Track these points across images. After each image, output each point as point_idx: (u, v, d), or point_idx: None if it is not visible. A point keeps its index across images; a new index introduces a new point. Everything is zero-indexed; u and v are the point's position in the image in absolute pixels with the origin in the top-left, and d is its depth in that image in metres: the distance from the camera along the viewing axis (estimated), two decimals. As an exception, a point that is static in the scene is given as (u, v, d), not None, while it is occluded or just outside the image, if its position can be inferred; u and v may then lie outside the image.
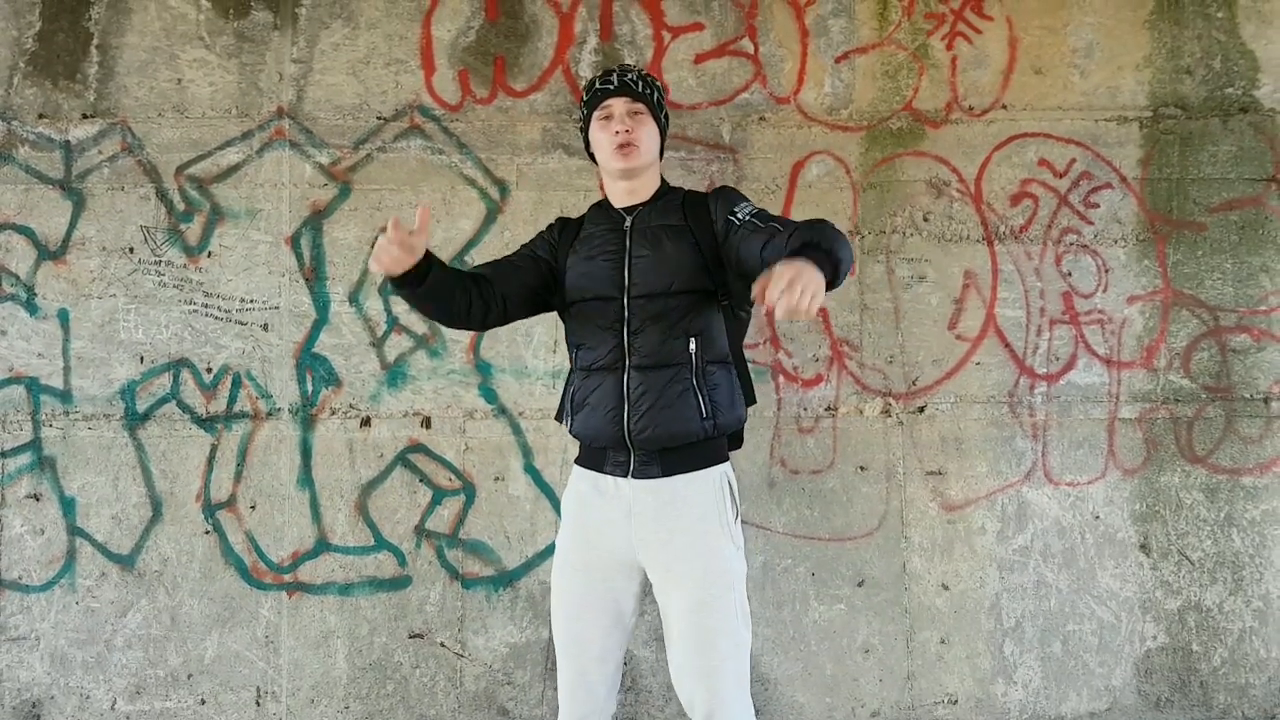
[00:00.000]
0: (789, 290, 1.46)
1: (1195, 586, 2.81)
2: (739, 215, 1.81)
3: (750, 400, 1.94)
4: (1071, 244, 2.82)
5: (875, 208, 2.80)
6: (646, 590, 1.90)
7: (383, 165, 2.76)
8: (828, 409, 2.78)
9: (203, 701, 2.70)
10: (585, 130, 1.98)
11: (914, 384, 2.80)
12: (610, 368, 1.84)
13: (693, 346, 1.82)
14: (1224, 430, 2.82)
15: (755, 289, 1.55)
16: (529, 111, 2.78)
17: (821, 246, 1.58)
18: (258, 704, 2.71)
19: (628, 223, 1.90)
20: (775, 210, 2.77)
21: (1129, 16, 2.84)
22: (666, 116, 1.99)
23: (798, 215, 2.78)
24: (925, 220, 2.81)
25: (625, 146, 1.86)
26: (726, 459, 1.89)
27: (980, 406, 2.80)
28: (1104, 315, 2.82)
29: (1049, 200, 2.82)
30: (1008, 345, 2.80)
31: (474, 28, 2.79)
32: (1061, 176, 2.82)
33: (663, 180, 1.97)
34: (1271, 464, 2.82)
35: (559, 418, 1.97)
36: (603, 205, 1.99)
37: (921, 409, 2.79)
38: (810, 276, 1.49)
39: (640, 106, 1.90)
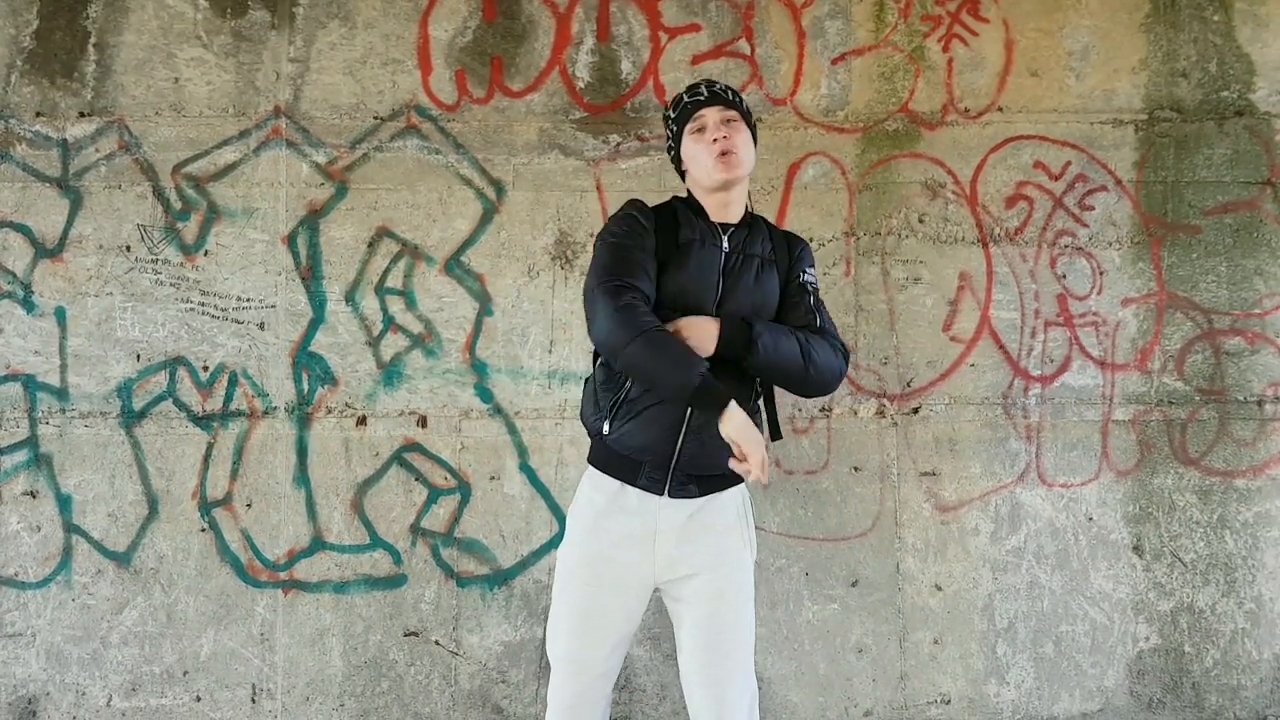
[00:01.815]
0: (749, 457, 1.66)
1: (1188, 588, 2.82)
2: (805, 276, 1.93)
3: (775, 436, 1.97)
4: (1066, 246, 2.82)
5: (871, 209, 2.81)
6: (650, 605, 1.93)
7: (379, 165, 2.76)
8: (822, 410, 2.79)
9: (198, 698, 2.71)
10: (675, 148, 1.93)
11: (908, 385, 2.80)
12: None
13: (758, 384, 1.87)
14: (1217, 433, 2.83)
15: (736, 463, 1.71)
16: (526, 112, 2.78)
17: (763, 342, 1.75)
18: (253, 701, 2.72)
19: (724, 243, 1.86)
20: (771, 214, 2.79)
21: (1125, 19, 2.85)
22: (755, 126, 1.96)
23: (794, 217, 2.79)
24: (921, 222, 2.82)
25: (726, 155, 1.82)
26: (744, 479, 1.91)
27: (974, 408, 2.80)
28: (1098, 317, 2.82)
29: (1044, 202, 2.82)
30: (1002, 347, 2.81)
31: (471, 28, 2.79)
32: (1057, 179, 2.82)
33: (748, 200, 1.98)
34: (1264, 466, 2.82)
35: (585, 416, 1.89)
36: (694, 210, 1.90)
37: (916, 410, 2.80)
38: (756, 450, 1.67)
39: (733, 114, 1.87)
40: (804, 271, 1.93)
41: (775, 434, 1.96)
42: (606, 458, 1.85)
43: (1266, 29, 2.86)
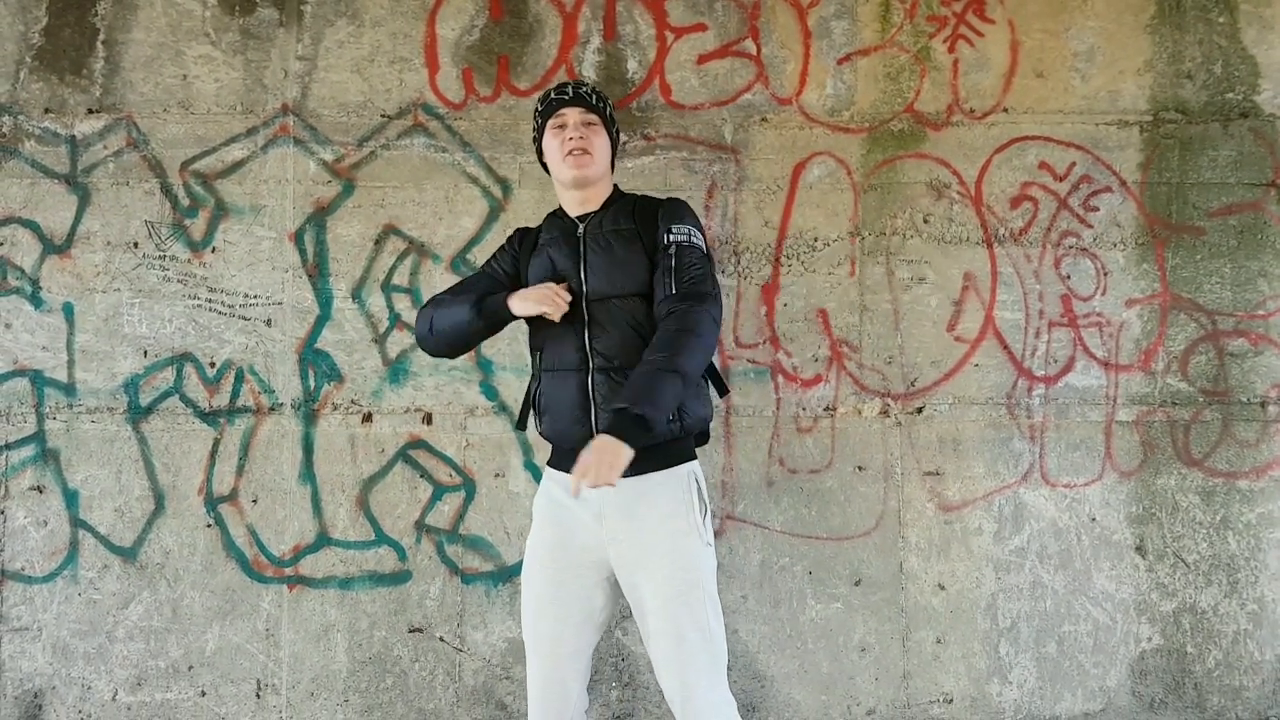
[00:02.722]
0: (592, 474, 1.66)
1: (1190, 589, 2.82)
2: (672, 236, 1.90)
3: (722, 392, 2.02)
4: (1071, 247, 2.83)
5: (876, 209, 2.82)
6: (617, 589, 1.95)
7: (386, 163, 2.78)
8: (826, 409, 2.79)
9: (203, 693, 2.72)
10: (539, 141, 2.07)
11: (912, 385, 2.81)
12: (574, 369, 1.90)
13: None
14: (1221, 434, 2.83)
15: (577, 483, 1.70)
16: (532, 110, 2.79)
17: (628, 403, 1.71)
18: (258, 696, 2.73)
19: (580, 229, 1.97)
20: (776, 214, 2.79)
21: (1130, 21, 2.85)
22: (617, 131, 2.09)
23: (799, 217, 2.80)
24: (925, 222, 2.82)
25: (579, 154, 1.93)
26: (694, 457, 1.94)
27: (978, 408, 2.81)
28: (1102, 318, 2.83)
29: (1049, 203, 2.83)
30: (1006, 347, 2.82)
31: (478, 26, 2.80)
32: (1061, 180, 2.83)
33: (614, 188, 2.06)
34: (1268, 468, 2.83)
35: (521, 424, 2.06)
36: (557, 214, 2.06)
37: (920, 410, 2.81)
38: (610, 451, 1.67)
39: (593, 117, 1.99)
40: (669, 230, 1.90)
41: (721, 389, 2.02)
42: (551, 453, 2.00)
43: (1272, 31, 2.86)
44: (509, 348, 2.77)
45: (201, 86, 2.77)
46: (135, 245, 2.75)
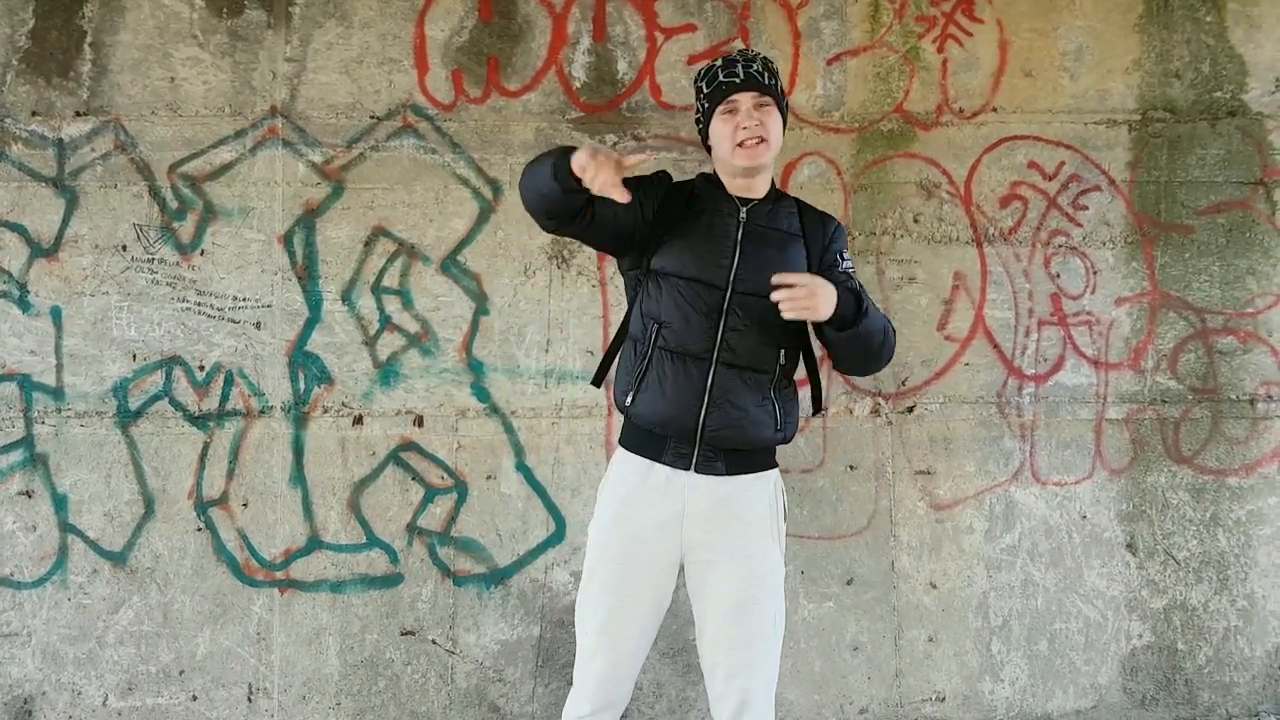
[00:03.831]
0: (794, 292, 1.66)
1: (1181, 586, 2.84)
2: (845, 263, 1.90)
3: (817, 409, 2.02)
4: (1060, 246, 2.84)
5: (866, 209, 2.82)
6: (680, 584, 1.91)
7: (376, 164, 2.77)
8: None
9: (194, 698, 2.71)
10: (703, 123, 1.92)
11: (903, 384, 2.82)
12: (698, 356, 1.79)
13: (782, 358, 1.84)
14: (1210, 431, 2.85)
15: (775, 278, 1.69)
16: (522, 111, 2.79)
17: (862, 304, 1.75)
18: (249, 700, 2.72)
19: (742, 214, 1.86)
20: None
21: (1119, 20, 2.86)
22: (787, 104, 1.95)
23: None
24: (915, 222, 2.83)
25: (753, 144, 1.81)
26: (778, 465, 1.92)
27: (969, 407, 2.82)
28: (1092, 317, 2.84)
29: (1038, 202, 2.84)
30: (996, 346, 2.82)
31: (467, 27, 2.79)
32: (1051, 179, 2.84)
33: (773, 181, 1.96)
34: (1257, 465, 2.84)
35: (615, 394, 1.89)
36: (714, 183, 1.92)
37: (911, 409, 2.81)
38: (818, 298, 1.68)
39: (767, 99, 1.84)
40: (841, 256, 1.91)
41: (818, 406, 2.00)
42: (634, 436, 1.86)
43: (1259, 30, 2.87)
44: (500, 349, 2.77)
45: (189, 89, 2.76)
46: (123, 248, 2.73)
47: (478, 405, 2.76)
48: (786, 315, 1.68)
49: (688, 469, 1.81)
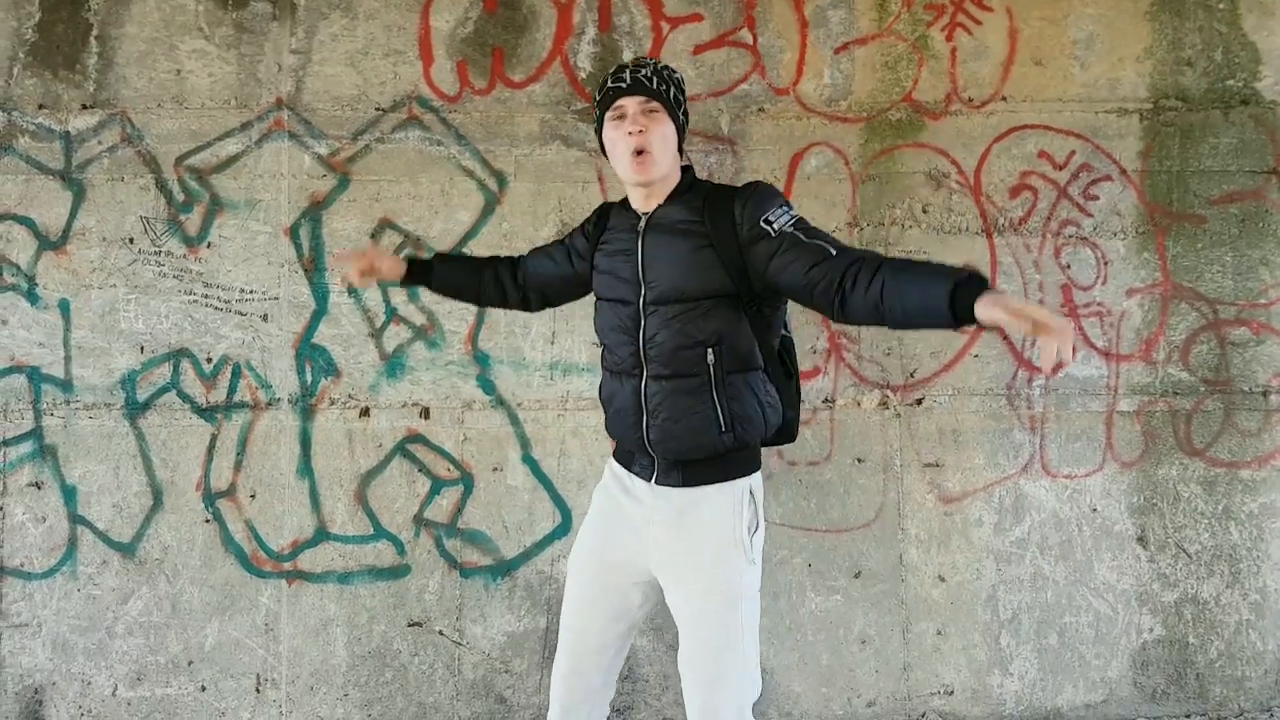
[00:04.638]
0: (1057, 352, 1.38)
1: (1192, 579, 2.81)
2: (775, 224, 1.68)
3: (790, 406, 1.87)
4: (1071, 236, 2.81)
5: (874, 199, 2.80)
6: (658, 590, 1.90)
7: (381, 156, 2.76)
8: (825, 401, 2.78)
9: (203, 688, 2.72)
10: (599, 131, 1.87)
11: (912, 376, 2.80)
12: (629, 373, 1.81)
13: (710, 358, 1.73)
14: (1222, 423, 2.82)
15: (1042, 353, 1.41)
16: (527, 103, 2.78)
17: (963, 277, 1.46)
18: (258, 691, 2.73)
19: (642, 223, 1.82)
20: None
21: (1129, 8, 2.83)
22: (685, 112, 1.85)
23: (797, 206, 2.76)
24: (924, 212, 2.80)
25: (640, 156, 1.74)
26: (754, 469, 1.83)
27: (978, 399, 2.80)
28: (1103, 308, 2.81)
29: (1048, 192, 2.81)
30: (1006, 338, 2.80)
31: (472, 18, 2.78)
32: (1061, 169, 2.81)
33: (685, 174, 1.84)
34: (1270, 457, 2.81)
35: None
36: (624, 204, 1.91)
37: (919, 401, 2.80)
38: (1064, 330, 1.38)
39: (655, 105, 1.77)
40: (766, 219, 1.69)
41: (792, 434, 1.90)
42: (616, 446, 1.95)
43: (1272, 17, 2.83)
44: (506, 342, 2.77)
45: (195, 81, 2.76)
46: (131, 241, 2.74)
47: (484, 397, 2.76)
48: (1068, 362, 1.54)
49: (649, 480, 1.84)
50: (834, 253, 1.62)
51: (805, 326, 2.78)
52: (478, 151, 2.77)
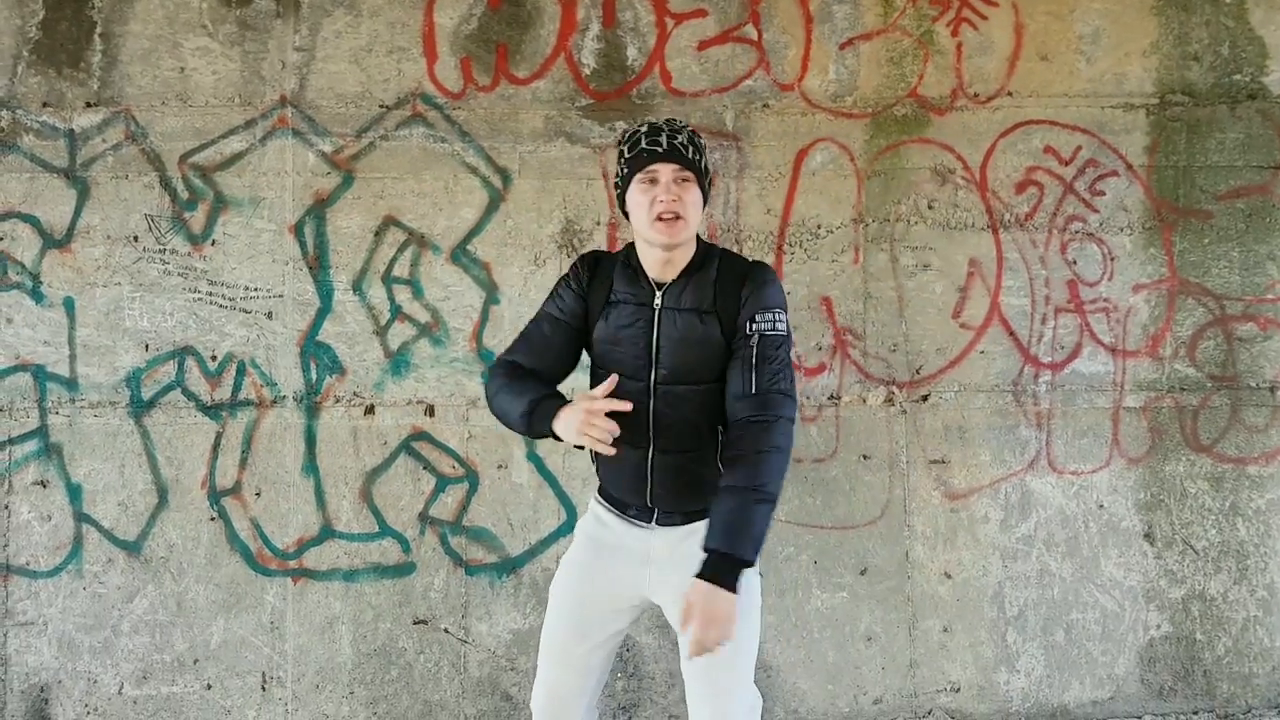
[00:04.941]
0: (699, 631, 1.58)
1: (1199, 575, 2.80)
2: (753, 325, 1.75)
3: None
4: (1077, 232, 2.80)
5: (879, 195, 2.79)
6: (639, 613, 1.93)
7: (385, 154, 2.76)
8: (831, 397, 2.78)
9: (209, 686, 2.72)
10: (623, 188, 1.81)
11: (918, 372, 2.79)
12: (635, 446, 1.80)
13: (719, 433, 1.80)
14: (1229, 419, 2.81)
15: (680, 621, 1.62)
16: (531, 99, 2.77)
17: (735, 552, 1.62)
18: (263, 689, 2.73)
19: (657, 301, 1.79)
20: (778, 201, 2.77)
21: (1136, 2, 2.82)
22: (711, 181, 1.86)
23: (801, 204, 2.77)
24: (930, 208, 2.80)
25: (669, 221, 1.73)
26: None
27: (984, 395, 2.79)
28: (1109, 304, 2.80)
29: (1054, 188, 2.80)
30: (1012, 334, 2.79)
31: (476, 15, 2.78)
32: (1067, 164, 2.80)
33: (698, 243, 1.84)
34: (1277, 453, 2.80)
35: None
36: (632, 267, 1.84)
37: (925, 397, 2.79)
38: (717, 610, 1.58)
39: (689, 174, 1.75)
40: (753, 319, 1.75)
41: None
42: (603, 490, 1.94)
43: (1279, 11, 2.83)
44: (510, 338, 2.74)
45: (199, 79, 2.76)
46: (135, 239, 2.74)
47: (489, 395, 2.75)
48: (716, 654, 1.62)
49: (649, 523, 1.86)
50: (751, 391, 1.72)
51: (810, 323, 2.77)
52: (482, 148, 2.77)
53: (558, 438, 1.71)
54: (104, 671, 2.72)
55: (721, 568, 1.62)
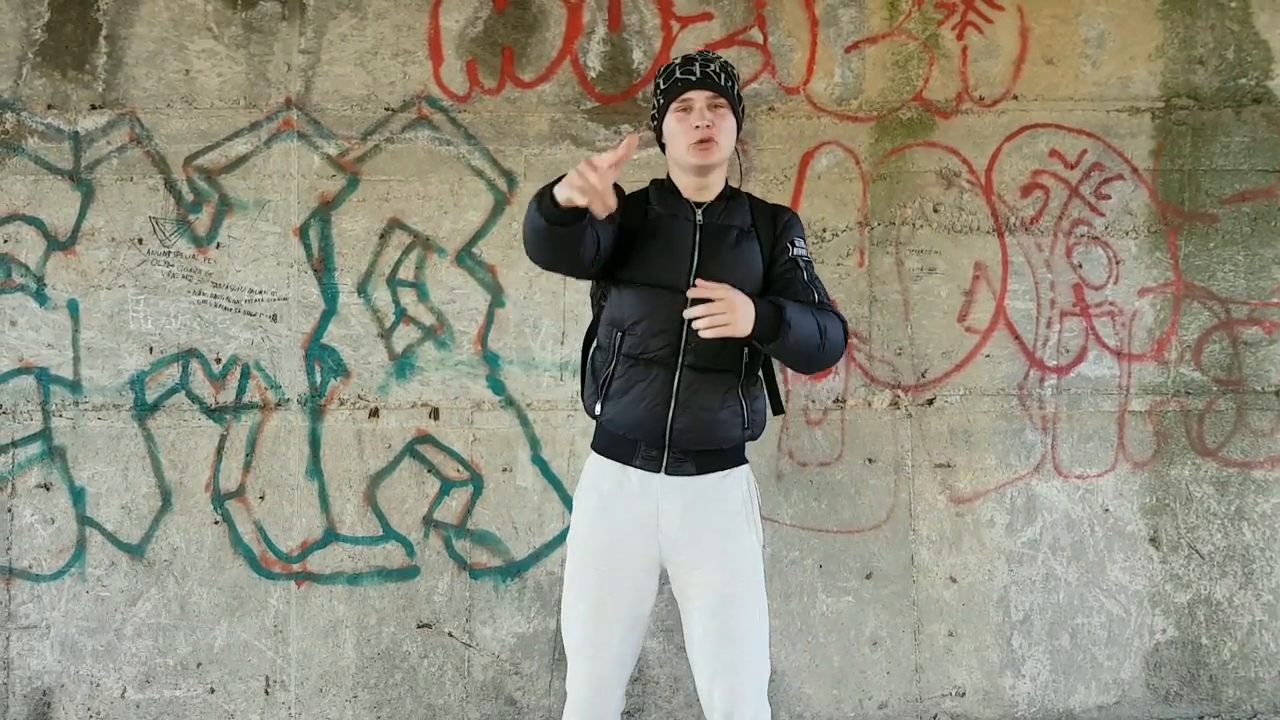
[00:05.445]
0: (711, 308, 1.64)
1: (1205, 580, 2.80)
2: (796, 249, 1.86)
3: (778, 410, 1.98)
4: (1082, 235, 2.80)
5: (885, 199, 2.79)
6: (661, 586, 1.89)
7: (391, 156, 2.76)
8: (836, 401, 2.77)
9: (212, 690, 2.71)
10: (658, 120, 1.89)
11: (923, 376, 2.79)
12: (663, 362, 1.78)
13: (746, 355, 1.81)
14: (1235, 423, 2.81)
15: (692, 292, 1.69)
16: (537, 102, 2.77)
17: (783, 318, 1.70)
18: (267, 693, 2.72)
19: (699, 216, 1.84)
20: (784, 203, 2.77)
21: (1141, 6, 2.82)
22: (743, 108, 1.93)
23: (807, 207, 2.77)
24: (935, 211, 2.80)
25: (706, 143, 1.79)
26: (748, 460, 1.90)
27: (990, 399, 2.79)
28: (1115, 307, 2.80)
29: (1060, 191, 2.80)
30: (1018, 337, 2.79)
31: (482, 18, 2.78)
32: (1073, 168, 2.80)
33: (726, 181, 1.92)
34: (1283, 457, 2.80)
35: (583, 400, 1.90)
36: (668, 189, 1.89)
37: (930, 401, 2.78)
38: (737, 313, 1.65)
39: (722, 100, 1.82)
40: (792, 243, 1.87)
41: (778, 408, 1.98)
42: (605, 440, 1.86)
43: (1285, 15, 2.83)
44: (515, 342, 2.76)
45: (204, 81, 2.76)
46: (140, 241, 2.73)
47: (493, 398, 2.75)
48: (704, 335, 1.65)
49: (658, 471, 1.81)
50: (815, 301, 1.82)
51: (816, 326, 2.77)
52: (487, 151, 2.76)
53: (561, 211, 1.63)
54: (107, 675, 2.71)
55: (766, 307, 1.71)
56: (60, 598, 2.71)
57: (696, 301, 1.69)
